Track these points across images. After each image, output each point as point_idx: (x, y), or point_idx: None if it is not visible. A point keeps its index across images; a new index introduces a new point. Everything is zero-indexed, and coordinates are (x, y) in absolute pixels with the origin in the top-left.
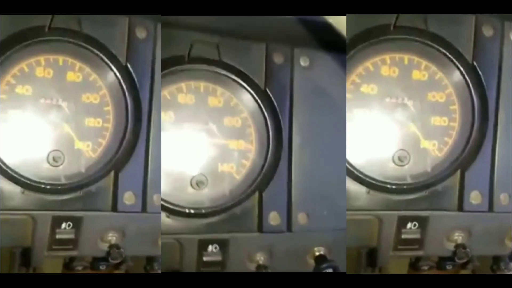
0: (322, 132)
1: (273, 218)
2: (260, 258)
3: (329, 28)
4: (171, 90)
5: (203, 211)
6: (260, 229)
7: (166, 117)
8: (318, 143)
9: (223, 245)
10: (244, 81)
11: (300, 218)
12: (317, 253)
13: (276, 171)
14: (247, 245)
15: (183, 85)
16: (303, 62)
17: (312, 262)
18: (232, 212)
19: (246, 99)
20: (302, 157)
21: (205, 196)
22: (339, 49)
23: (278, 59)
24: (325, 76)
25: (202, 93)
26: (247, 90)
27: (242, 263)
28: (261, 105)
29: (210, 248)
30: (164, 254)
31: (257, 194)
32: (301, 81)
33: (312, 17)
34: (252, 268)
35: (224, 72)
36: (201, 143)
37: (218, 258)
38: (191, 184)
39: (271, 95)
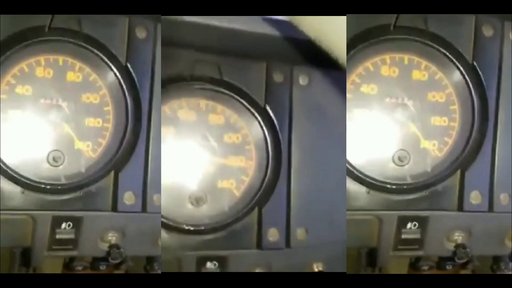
0: (321, 148)
1: (272, 234)
2: None
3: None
4: (172, 106)
5: (203, 228)
6: (259, 245)
7: (167, 133)
8: (317, 159)
9: (222, 262)
10: (245, 99)
11: (299, 233)
12: (315, 270)
13: (275, 188)
14: (245, 261)
15: (183, 101)
16: (302, 80)
17: None
18: (231, 229)
19: (246, 117)
20: (301, 173)
21: (204, 212)
22: (337, 66)
23: (278, 77)
24: (324, 93)
25: (202, 110)
26: (247, 107)
27: None
28: (261, 122)
29: (209, 265)
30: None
31: (256, 210)
32: (300, 99)
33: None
34: None
35: (225, 90)
36: (201, 160)
37: None
38: (190, 201)
39: (270, 113)
